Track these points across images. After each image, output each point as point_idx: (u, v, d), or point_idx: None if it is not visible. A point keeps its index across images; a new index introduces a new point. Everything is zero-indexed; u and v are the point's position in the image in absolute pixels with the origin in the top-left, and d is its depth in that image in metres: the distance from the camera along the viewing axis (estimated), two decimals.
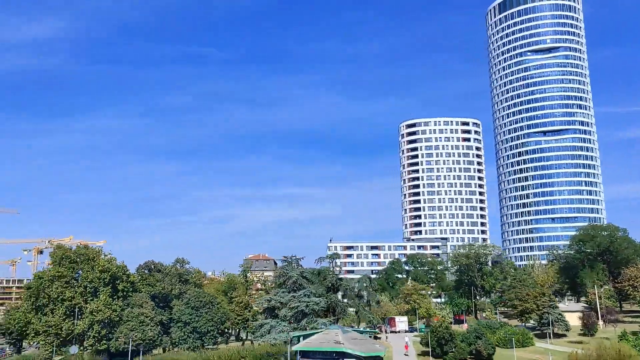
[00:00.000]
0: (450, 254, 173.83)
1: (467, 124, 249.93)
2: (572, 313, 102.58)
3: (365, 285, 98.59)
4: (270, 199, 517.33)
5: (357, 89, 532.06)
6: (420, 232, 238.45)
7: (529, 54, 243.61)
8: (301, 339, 58.23)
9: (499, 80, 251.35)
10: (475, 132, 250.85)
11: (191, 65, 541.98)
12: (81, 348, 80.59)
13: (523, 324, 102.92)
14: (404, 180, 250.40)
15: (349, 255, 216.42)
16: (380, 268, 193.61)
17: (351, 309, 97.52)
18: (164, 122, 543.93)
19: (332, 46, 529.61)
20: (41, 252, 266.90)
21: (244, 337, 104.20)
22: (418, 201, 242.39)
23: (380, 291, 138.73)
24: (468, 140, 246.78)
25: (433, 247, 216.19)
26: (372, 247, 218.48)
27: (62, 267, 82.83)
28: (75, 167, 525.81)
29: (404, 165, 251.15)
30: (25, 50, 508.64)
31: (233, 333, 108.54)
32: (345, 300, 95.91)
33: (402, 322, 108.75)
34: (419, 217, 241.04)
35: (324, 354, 53.88)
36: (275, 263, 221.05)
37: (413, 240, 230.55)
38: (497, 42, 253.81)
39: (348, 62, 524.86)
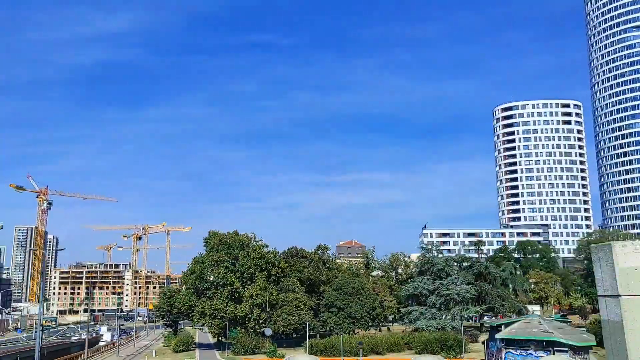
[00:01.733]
0: (583, 240, 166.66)
1: (567, 105, 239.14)
2: None
3: (510, 272, 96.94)
4: (337, 184, 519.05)
5: (424, 72, 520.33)
6: (518, 218, 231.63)
7: (633, 30, 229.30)
8: (503, 327, 57.73)
9: (600, 58, 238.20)
10: (577, 114, 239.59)
11: (256, 52, 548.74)
12: (242, 330, 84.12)
13: None
14: (500, 165, 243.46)
15: (445, 242, 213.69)
16: (476, 255, 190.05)
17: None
18: (231, 110, 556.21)
19: (396, 28, 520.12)
20: (139, 238, 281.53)
21: (379, 323, 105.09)
22: (516, 187, 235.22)
23: None
24: (569, 123, 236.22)
25: (533, 234, 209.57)
26: (469, 234, 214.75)
27: (221, 253, 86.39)
28: (151, 155, 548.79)
29: (499, 150, 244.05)
30: (103, 44, 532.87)
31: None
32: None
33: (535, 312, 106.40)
34: (517, 203, 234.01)
35: (533, 343, 53.11)
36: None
37: (511, 226, 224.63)
38: (597, 19, 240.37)
39: (414, 44, 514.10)
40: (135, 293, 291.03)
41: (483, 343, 63.23)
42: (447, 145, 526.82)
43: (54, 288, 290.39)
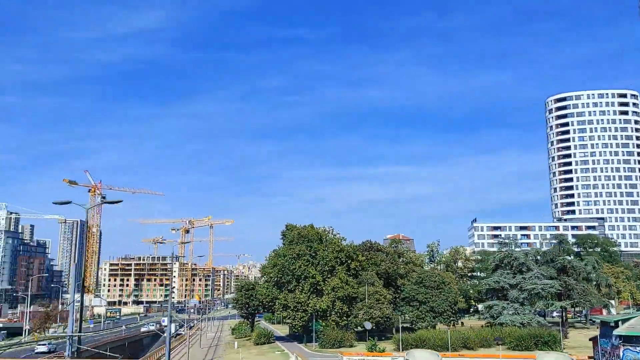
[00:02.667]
0: None
1: (624, 95, 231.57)
2: None
3: (594, 266, 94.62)
4: (364, 177, 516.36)
5: (454, 64, 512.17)
6: (572, 211, 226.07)
7: None
8: (620, 323, 56.19)
9: None
10: (634, 104, 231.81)
11: (285, 47, 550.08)
12: (325, 323, 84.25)
13: None
14: (553, 157, 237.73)
15: (495, 236, 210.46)
16: (529, 249, 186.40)
17: None
18: (261, 105, 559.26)
19: (425, 20, 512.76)
20: (188, 232, 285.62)
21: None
22: (570, 179, 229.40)
23: None
24: (626, 113, 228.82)
25: (589, 227, 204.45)
26: (521, 228, 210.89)
27: (301, 246, 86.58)
28: (180, 151, 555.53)
29: (552, 142, 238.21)
30: (133, 41, 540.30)
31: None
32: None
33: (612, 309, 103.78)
34: (572, 196, 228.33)
35: None
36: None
37: (565, 220, 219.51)
38: None
39: (443, 37, 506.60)
40: (181, 285, 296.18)
41: (591, 340, 61.69)
42: (479, 138, 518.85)
43: (104, 280, 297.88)
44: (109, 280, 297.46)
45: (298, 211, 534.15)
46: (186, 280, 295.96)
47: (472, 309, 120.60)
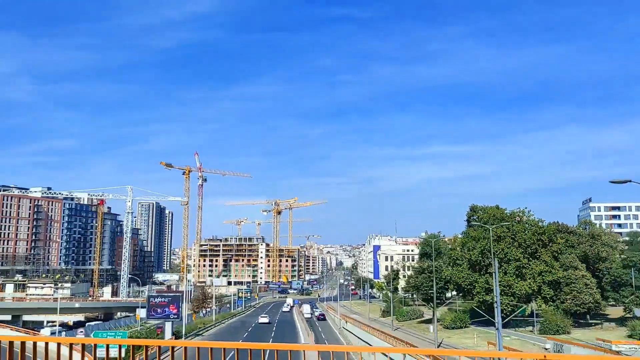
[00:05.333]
0: None
1: None
2: None
3: None
4: (417, 157, 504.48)
5: (509, 38, 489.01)
6: None
7: None
8: None
9: None
10: None
11: (336, 27, 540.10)
12: (545, 309, 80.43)
13: None
14: None
15: (615, 217, 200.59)
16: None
17: None
18: (313, 85, 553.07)
19: None
20: (279, 213, 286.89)
21: None
22: None
23: None
24: None
25: None
26: None
27: (503, 227, 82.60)
28: (235, 133, 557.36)
29: None
30: (187, 26, 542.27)
31: None
32: None
33: None
34: None
35: None
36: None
37: None
38: None
39: (499, 9, 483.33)
40: (268, 266, 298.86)
41: None
42: (537, 114, 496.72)
43: (193, 260, 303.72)
44: (198, 261, 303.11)
45: (350, 191, 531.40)
46: (272, 261, 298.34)
47: None
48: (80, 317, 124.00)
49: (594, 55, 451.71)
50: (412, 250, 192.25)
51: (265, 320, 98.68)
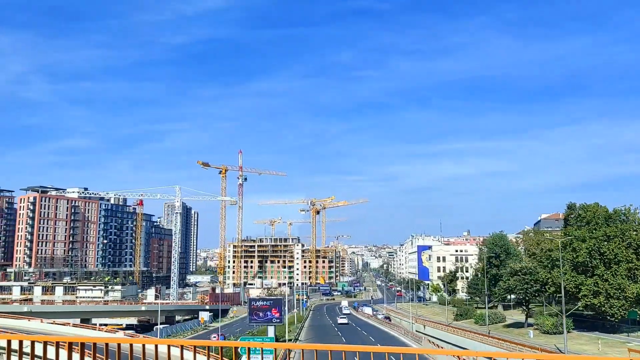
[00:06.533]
0: None
1: None
2: None
3: None
4: (436, 154, 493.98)
5: (533, 29, 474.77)
6: None
7: None
8: None
9: None
10: None
11: (353, 20, 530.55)
12: None
13: None
14: None
15: None
16: None
17: None
18: (330, 80, 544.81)
19: None
20: (318, 212, 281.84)
21: None
22: None
23: None
24: None
25: None
26: None
27: (612, 227, 76.66)
28: (251, 130, 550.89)
29: None
30: (202, 22, 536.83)
31: None
32: None
33: None
34: None
35: None
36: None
37: None
38: None
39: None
40: (304, 267, 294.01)
41: None
42: (562, 108, 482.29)
43: (229, 262, 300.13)
44: (233, 261, 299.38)
45: (367, 189, 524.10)
46: (309, 262, 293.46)
47: None
48: (132, 320, 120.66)
49: (622, 46, 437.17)
50: (465, 251, 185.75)
51: (345, 320, 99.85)
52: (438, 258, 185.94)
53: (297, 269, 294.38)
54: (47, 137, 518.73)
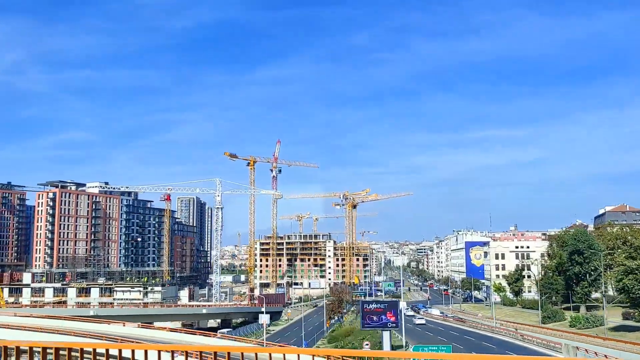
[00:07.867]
0: None
1: None
2: None
3: None
4: (463, 143, 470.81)
5: (567, 5, 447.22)
6: None
7: None
8: None
9: None
10: None
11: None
12: None
13: None
14: None
15: None
16: None
17: None
18: (347, 65, 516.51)
19: None
20: (355, 207, 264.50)
21: None
22: None
23: None
24: None
25: None
26: None
27: None
28: (261, 120, 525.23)
29: None
30: (206, 4, 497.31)
31: None
32: None
33: None
34: None
35: None
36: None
37: None
38: None
39: None
40: (337, 265, 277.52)
41: None
42: (598, 91, 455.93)
43: (256, 260, 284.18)
44: (260, 260, 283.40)
45: (389, 182, 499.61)
46: (342, 260, 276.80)
47: None
48: (177, 324, 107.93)
49: None
50: (526, 247, 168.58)
51: (422, 321, 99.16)
52: (496, 255, 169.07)
53: (330, 267, 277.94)
54: (45, 130, 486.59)
